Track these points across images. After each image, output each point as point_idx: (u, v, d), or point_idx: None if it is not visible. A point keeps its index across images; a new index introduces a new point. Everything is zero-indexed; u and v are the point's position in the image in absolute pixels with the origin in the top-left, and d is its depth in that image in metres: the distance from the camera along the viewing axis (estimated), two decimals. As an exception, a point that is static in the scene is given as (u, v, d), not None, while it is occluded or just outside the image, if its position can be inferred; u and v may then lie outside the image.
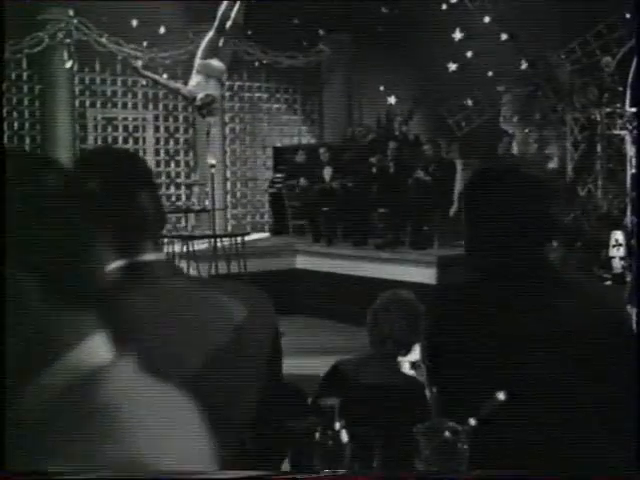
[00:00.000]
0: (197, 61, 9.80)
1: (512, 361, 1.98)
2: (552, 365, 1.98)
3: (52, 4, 13.25)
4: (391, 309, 3.87)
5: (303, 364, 4.70)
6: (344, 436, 1.75)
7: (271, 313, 2.03)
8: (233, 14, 9.72)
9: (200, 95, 9.62)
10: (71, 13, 13.37)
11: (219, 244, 10.15)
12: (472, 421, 1.71)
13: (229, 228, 14.51)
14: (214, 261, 9.70)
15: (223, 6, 9.78)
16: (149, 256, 1.93)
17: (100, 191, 1.88)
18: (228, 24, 9.72)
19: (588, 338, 2.01)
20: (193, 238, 10.00)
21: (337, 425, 1.77)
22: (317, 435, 1.76)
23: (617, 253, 9.24)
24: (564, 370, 1.98)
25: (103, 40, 13.47)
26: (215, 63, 9.74)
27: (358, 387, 3.79)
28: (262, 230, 15.50)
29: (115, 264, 1.90)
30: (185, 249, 9.83)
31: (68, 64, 13.45)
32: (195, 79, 9.77)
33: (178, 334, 1.85)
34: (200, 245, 10.49)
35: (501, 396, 1.77)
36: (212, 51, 9.65)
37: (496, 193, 2.09)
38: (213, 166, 10.12)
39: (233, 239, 9.80)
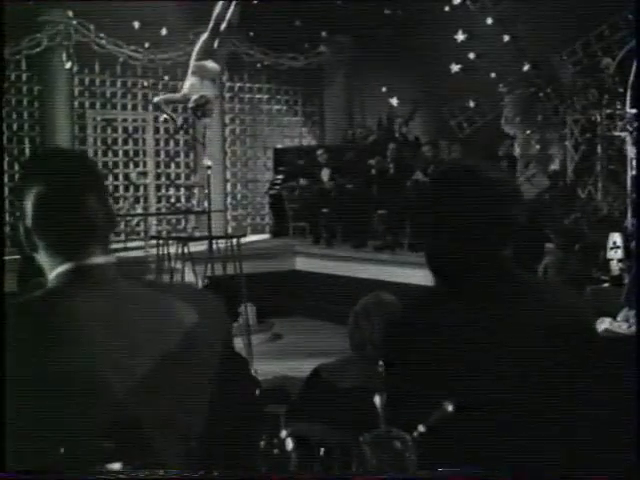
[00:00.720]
0: (192, 63, 9.78)
1: (467, 368, 1.93)
2: (509, 371, 1.93)
3: (51, 5, 13.23)
4: (372, 312, 3.82)
5: (302, 366, 4.68)
6: (289, 444, 1.71)
7: (223, 318, 1.98)
8: (228, 15, 9.69)
9: (194, 96, 9.59)
10: (70, 14, 13.34)
11: (220, 246, 10.09)
12: (421, 428, 1.67)
13: (229, 230, 14.48)
14: (210, 263, 9.65)
15: (218, 7, 9.76)
16: (97, 259, 1.90)
17: (47, 193, 1.85)
18: (223, 25, 9.70)
19: (546, 343, 1.96)
20: (188, 239, 9.95)
21: (283, 433, 1.72)
22: (262, 443, 1.71)
23: (615, 255, 9.17)
24: (521, 375, 1.94)
25: (102, 41, 13.45)
26: (210, 64, 9.71)
27: (338, 391, 3.74)
28: (263, 232, 15.47)
29: (62, 267, 1.87)
30: (180, 251, 9.79)
31: (67, 65, 13.42)
32: (190, 81, 9.75)
33: (125, 339, 1.81)
34: (199, 247, 10.44)
35: (449, 407, 1.72)
36: (207, 52, 9.62)
37: (453, 195, 2.05)
38: (209, 167, 10.08)
39: (229, 241, 9.74)
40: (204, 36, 9.75)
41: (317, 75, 15.74)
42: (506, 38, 14.00)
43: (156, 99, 10.87)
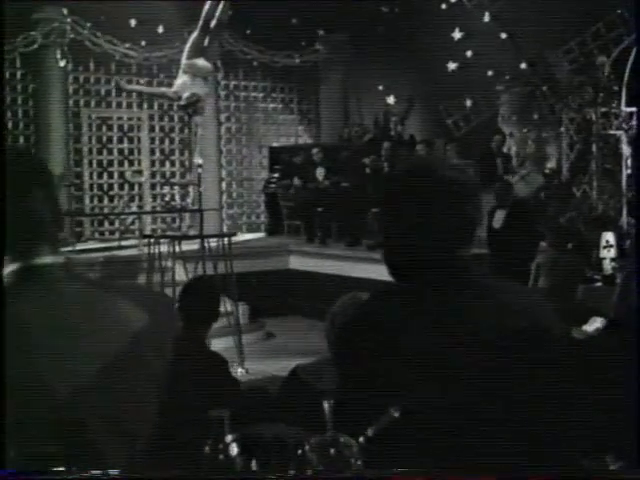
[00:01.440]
0: (183, 61, 9.75)
1: (410, 369, 1.90)
2: (456, 372, 1.90)
3: (46, 3, 13.20)
4: (349, 312, 3.78)
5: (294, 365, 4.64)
6: (234, 449, 1.67)
7: (173, 320, 1.95)
8: (217, 13, 9.66)
9: (185, 94, 9.57)
10: (65, 12, 13.30)
11: (211, 245, 10.06)
12: (369, 432, 1.63)
13: (224, 228, 14.45)
14: (201, 262, 9.63)
15: (207, 5, 9.72)
16: (45, 259, 1.86)
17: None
18: (213, 23, 9.66)
19: (500, 345, 1.93)
20: (178, 238, 9.93)
21: (228, 438, 1.69)
22: (207, 448, 1.68)
23: (608, 254, 9.14)
24: (467, 377, 1.90)
25: (97, 39, 13.41)
26: (201, 62, 9.68)
27: (315, 392, 3.71)
28: (258, 230, 15.44)
29: (9, 268, 1.83)
30: (171, 249, 9.76)
31: (62, 63, 13.38)
32: (181, 79, 9.72)
33: (69, 340, 1.78)
34: (193, 245, 10.42)
35: (395, 413, 1.69)
36: (198, 50, 9.59)
37: (409, 193, 2.01)
38: (200, 166, 10.06)
39: (220, 240, 9.70)
40: (194, 34, 9.72)
41: (313, 73, 15.70)
42: (503, 36, 13.96)
43: (119, 80, 10.83)
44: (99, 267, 11.41)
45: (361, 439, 1.60)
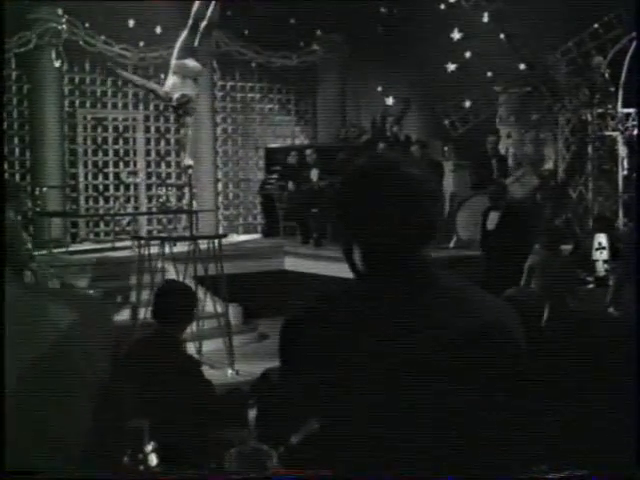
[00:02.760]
0: (172, 61, 9.70)
1: (366, 372, 1.85)
2: (415, 375, 1.85)
3: (41, 3, 13.16)
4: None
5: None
6: (153, 459, 1.61)
7: (107, 321, 1.89)
8: (208, 13, 9.60)
9: (176, 95, 9.53)
10: (60, 12, 13.26)
11: (203, 246, 10.01)
12: (293, 439, 1.58)
13: (220, 229, 14.40)
14: (192, 263, 9.58)
15: (196, 5, 9.67)
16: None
17: None
18: (203, 23, 9.61)
19: (458, 347, 1.87)
20: (168, 239, 9.89)
21: (148, 448, 1.63)
22: (126, 458, 1.62)
23: (600, 256, 9.07)
24: (428, 380, 1.85)
25: (92, 40, 13.38)
26: (191, 63, 9.63)
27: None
28: (255, 231, 15.40)
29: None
30: (161, 251, 9.72)
31: (57, 64, 13.33)
32: (171, 80, 9.67)
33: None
34: (186, 247, 10.36)
35: (315, 424, 1.64)
36: (187, 51, 9.54)
37: (368, 191, 1.96)
38: (190, 167, 10.02)
39: (211, 241, 9.64)
40: (184, 34, 9.67)
41: (310, 74, 15.65)
42: (502, 37, 13.90)
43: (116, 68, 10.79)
44: (90, 268, 11.36)
45: (282, 448, 1.54)
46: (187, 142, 10.21)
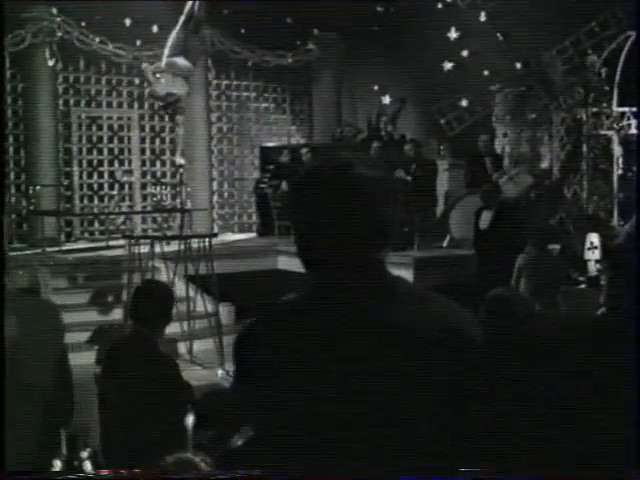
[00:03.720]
0: (163, 60, 9.67)
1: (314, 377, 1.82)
2: (367, 379, 1.81)
3: (35, 2, 13.13)
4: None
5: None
6: (88, 466, 1.58)
7: (58, 327, 1.86)
8: (195, 11, 9.56)
9: (165, 94, 9.50)
10: (54, 11, 13.22)
11: (195, 245, 9.98)
12: (227, 447, 1.55)
13: (215, 228, 14.36)
14: (182, 262, 9.55)
15: (188, 4, 9.63)
16: None
17: None
18: (192, 22, 9.58)
19: (409, 352, 1.84)
20: (158, 238, 9.86)
21: (84, 454, 1.60)
22: (59, 464, 1.58)
23: (592, 256, 9.03)
24: (379, 385, 1.82)
25: (86, 39, 13.34)
26: (181, 62, 9.60)
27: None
28: (250, 230, 15.36)
29: None
30: (154, 250, 9.69)
31: (51, 62, 13.29)
32: (162, 78, 9.63)
33: None
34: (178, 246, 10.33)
35: (250, 432, 1.61)
36: (178, 49, 9.50)
37: (319, 192, 1.91)
38: (181, 166, 9.98)
39: (202, 240, 9.61)
40: (174, 33, 9.64)
41: (306, 73, 15.61)
42: (498, 36, 13.87)
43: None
44: (83, 267, 11.33)
45: (217, 454, 1.51)
46: (178, 141, 10.17)
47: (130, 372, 4.29)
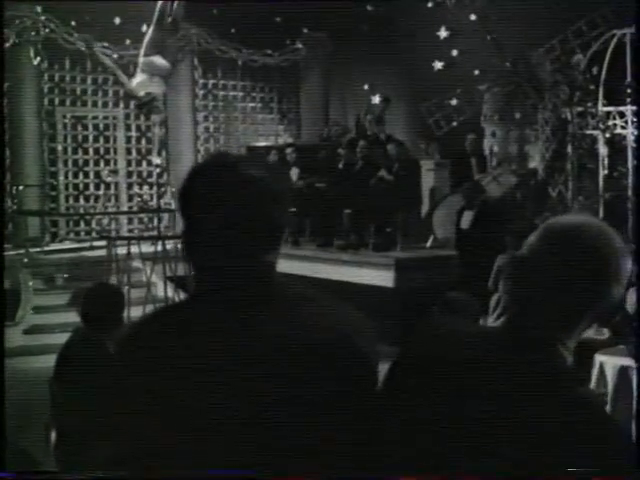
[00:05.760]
0: (140, 59, 9.59)
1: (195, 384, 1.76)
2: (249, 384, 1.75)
3: (19, 1, 13.08)
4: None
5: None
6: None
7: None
8: (172, 10, 9.49)
9: (141, 93, 9.43)
10: (38, 10, 13.18)
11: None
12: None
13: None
14: (160, 263, 9.49)
15: (159, 4, 9.55)
16: None
17: None
18: (168, 20, 9.51)
19: (298, 359, 1.78)
20: (135, 239, 9.80)
21: None
22: None
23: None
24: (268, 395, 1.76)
25: (71, 38, 13.29)
26: (158, 61, 9.53)
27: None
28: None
29: None
30: (135, 250, 9.64)
31: (36, 61, 13.25)
32: (139, 77, 9.57)
33: None
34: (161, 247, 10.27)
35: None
36: (154, 48, 9.43)
37: (205, 191, 1.85)
38: (158, 166, 9.91)
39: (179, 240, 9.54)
40: (149, 32, 9.56)
41: (293, 72, 15.55)
42: (487, 35, 13.81)
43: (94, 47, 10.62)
44: (65, 268, 11.29)
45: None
46: (155, 140, 10.11)
47: (80, 375, 4.24)
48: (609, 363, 6.08)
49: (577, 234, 1.72)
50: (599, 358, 6.17)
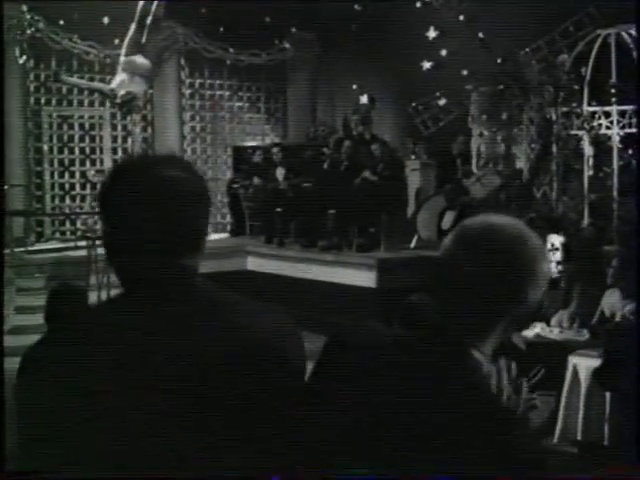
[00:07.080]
0: (121, 58, 9.56)
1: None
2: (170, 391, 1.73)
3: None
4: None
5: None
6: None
7: None
8: (153, 9, 9.46)
9: (121, 92, 9.40)
10: (24, 9, 13.13)
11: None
12: None
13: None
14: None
15: (140, 4, 9.52)
16: None
17: None
18: (149, 19, 9.47)
19: (217, 365, 1.75)
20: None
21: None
22: None
23: (553, 257, 8.94)
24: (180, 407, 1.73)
25: (57, 37, 13.24)
26: (139, 60, 9.50)
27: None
28: (224, 231, 15.25)
29: None
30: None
31: (21, 60, 13.20)
32: (119, 77, 9.55)
33: None
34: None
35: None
36: (135, 47, 9.40)
37: (122, 191, 1.82)
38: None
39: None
40: (131, 31, 9.53)
41: (280, 72, 15.52)
42: (474, 35, 13.82)
43: (60, 75, 10.62)
44: (49, 267, 11.25)
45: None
46: (134, 139, 10.08)
47: (46, 377, 4.20)
48: (582, 365, 6.06)
49: (492, 236, 1.69)
50: (573, 360, 6.16)
